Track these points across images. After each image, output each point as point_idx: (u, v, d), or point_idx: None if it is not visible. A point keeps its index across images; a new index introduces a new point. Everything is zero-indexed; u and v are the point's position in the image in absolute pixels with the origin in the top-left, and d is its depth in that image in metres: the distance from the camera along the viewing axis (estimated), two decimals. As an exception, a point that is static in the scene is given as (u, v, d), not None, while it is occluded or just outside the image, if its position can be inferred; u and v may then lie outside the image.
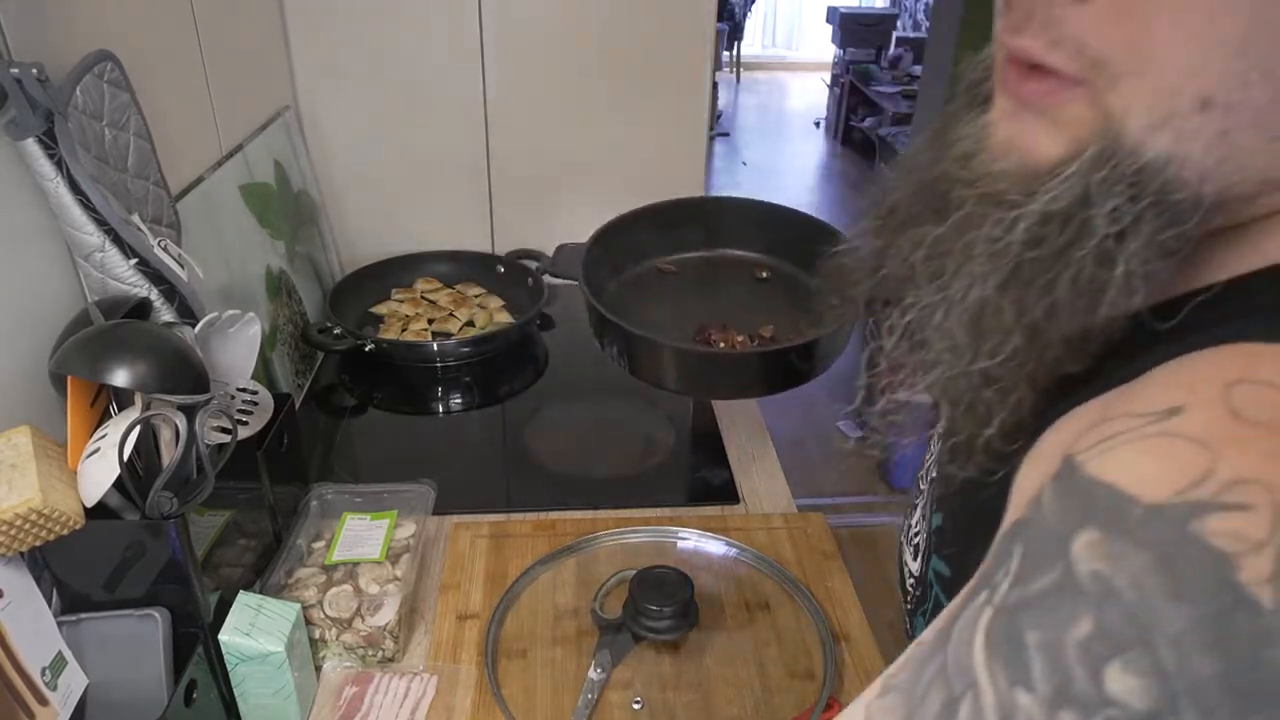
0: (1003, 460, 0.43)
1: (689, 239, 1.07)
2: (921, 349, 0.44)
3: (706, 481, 1.11)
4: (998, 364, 0.41)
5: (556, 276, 1.04)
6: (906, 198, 0.49)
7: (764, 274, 1.02)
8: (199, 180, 1.05)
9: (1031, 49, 0.39)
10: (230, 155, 1.15)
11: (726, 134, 6.39)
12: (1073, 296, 0.39)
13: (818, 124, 6.65)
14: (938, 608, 0.61)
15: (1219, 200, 0.37)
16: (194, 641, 0.71)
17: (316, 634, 0.81)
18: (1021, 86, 0.40)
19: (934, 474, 0.63)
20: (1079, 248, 0.38)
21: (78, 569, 0.69)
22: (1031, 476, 0.39)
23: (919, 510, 0.67)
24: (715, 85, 4.23)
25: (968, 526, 0.52)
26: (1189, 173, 0.37)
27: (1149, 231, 0.37)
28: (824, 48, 7.10)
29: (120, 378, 0.65)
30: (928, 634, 0.37)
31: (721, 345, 0.86)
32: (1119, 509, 0.30)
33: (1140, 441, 0.32)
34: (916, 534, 0.67)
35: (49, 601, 0.68)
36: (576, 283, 0.97)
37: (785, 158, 6.17)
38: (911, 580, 0.69)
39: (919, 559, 0.66)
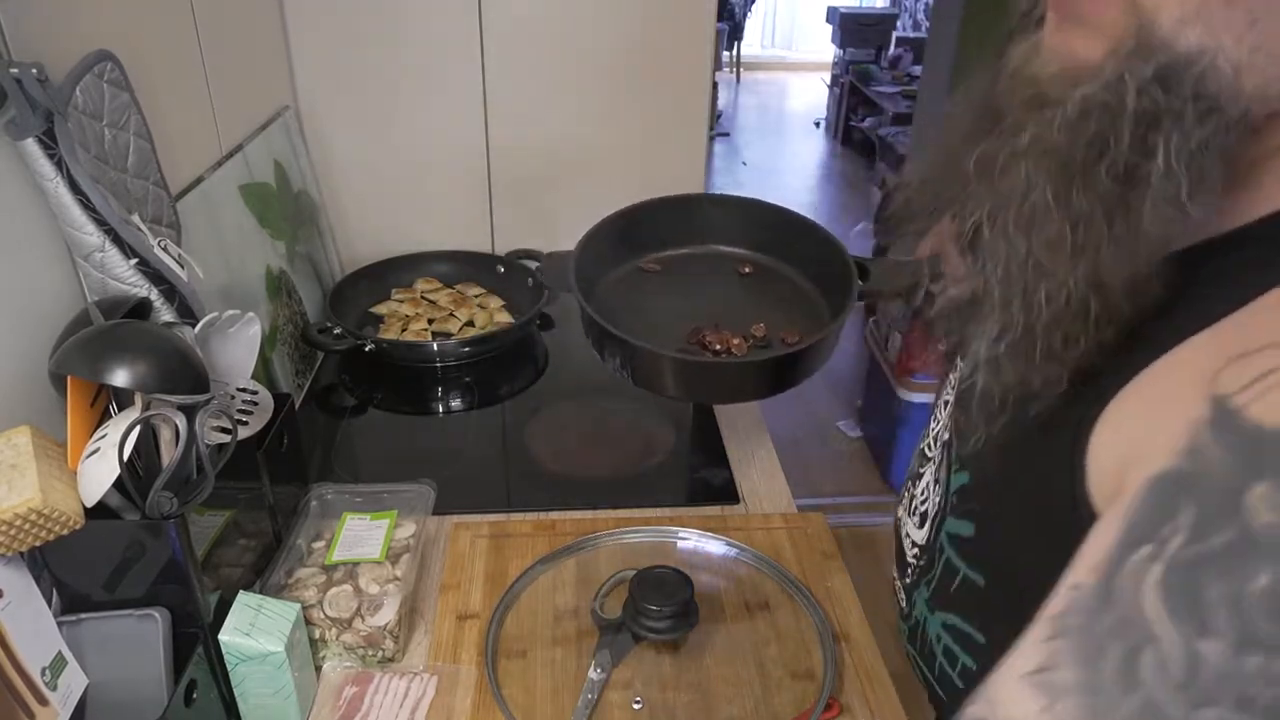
0: (1060, 368, 0.44)
1: (669, 237, 1.06)
2: (978, 249, 0.46)
3: (706, 481, 1.11)
4: (1050, 254, 0.42)
5: (546, 287, 1.03)
6: (966, 121, 0.52)
7: (746, 269, 1.03)
8: (199, 180, 1.05)
9: None
10: (230, 155, 1.15)
11: (726, 134, 6.39)
12: (1115, 186, 0.40)
13: (818, 124, 6.65)
14: (948, 573, 0.63)
15: (1261, 95, 0.39)
16: (194, 641, 0.71)
17: (316, 634, 0.81)
18: (1065, 2, 0.44)
19: (945, 437, 0.65)
20: (1117, 138, 0.40)
21: (78, 569, 0.69)
22: (1160, 422, 0.39)
23: (927, 477, 0.68)
24: (715, 85, 4.23)
25: (1006, 474, 0.53)
26: (1224, 63, 0.38)
27: (1189, 123, 0.39)
28: (824, 48, 7.10)
29: (120, 378, 0.65)
30: (1083, 577, 0.37)
31: (716, 347, 0.85)
32: None
33: None
34: (924, 501, 0.68)
35: (49, 601, 0.68)
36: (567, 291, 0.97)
37: (785, 158, 6.17)
38: (914, 551, 0.70)
39: (926, 526, 0.67)
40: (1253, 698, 0.31)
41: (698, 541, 0.97)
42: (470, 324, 1.42)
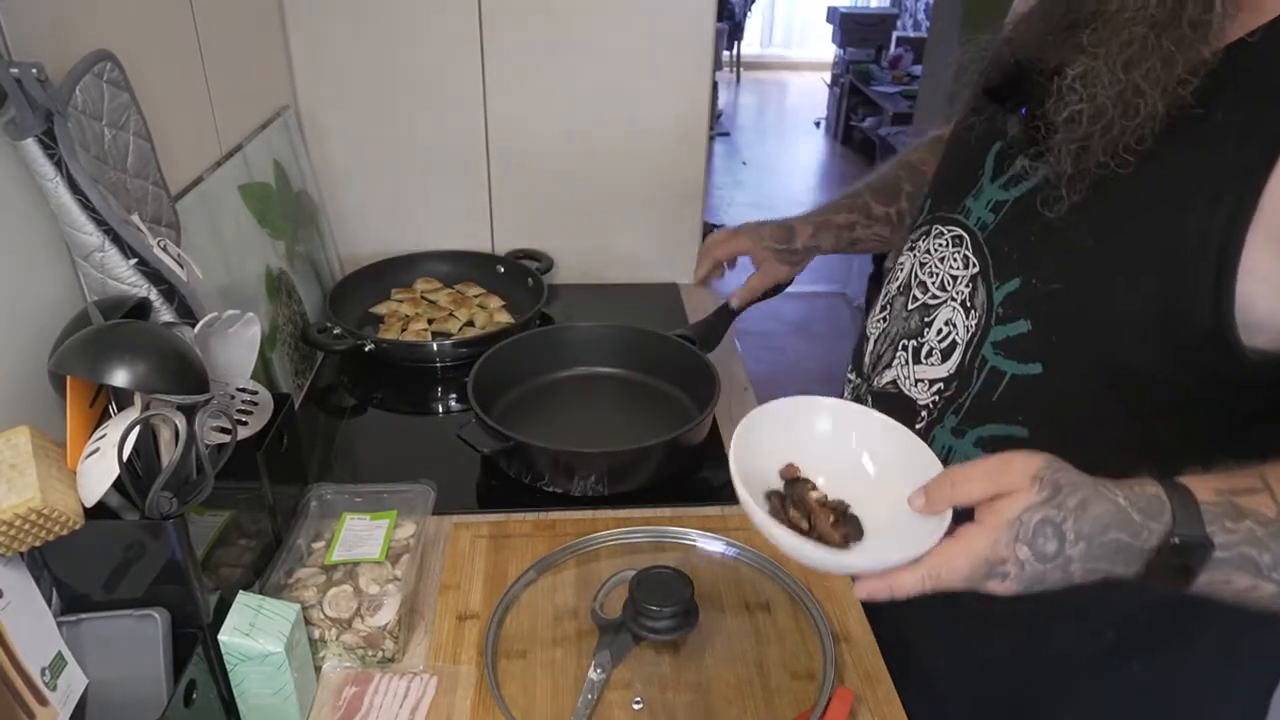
0: (1133, 154, 0.64)
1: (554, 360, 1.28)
2: (1089, 83, 0.64)
3: (706, 481, 1.11)
4: (1143, 79, 0.62)
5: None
6: (1050, 29, 0.70)
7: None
8: (199, 180, 1.05)
9: None
10: (230, 155, 1.15)
11: (726, 134, 6.39)
12: (1191, 31, 0.61)
13: (818, 124, 6.65)
14: (990, 383, 0.76)
15: None
16: (194, 641, 0.71)
17: (316, 634, 0.81)
18: None
19: (972, 271, 0.79)
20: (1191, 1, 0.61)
21: (78, 569, 0.69)
22: None
23: (945, 316, 0.81)
24: (715, 85, 4.23)
25: (1088, 263, 0.69)
26: None
27: None
28: (824, 47, 7.10)
29: (120, 378, 0.65)
30: None
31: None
32: None
33: None
34: (945, 338, 0.81)
35: (49, 601, 0.68)
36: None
37: (785, 158, 6.17)
38: (936, 388, 0.81)
39: (954, 356, 0.80)
40: None
41: (698, 541, 0.97)
42: (470, 324, 1.42)
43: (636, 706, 0.78)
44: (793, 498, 0.70)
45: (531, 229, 1.60)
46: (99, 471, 0.65)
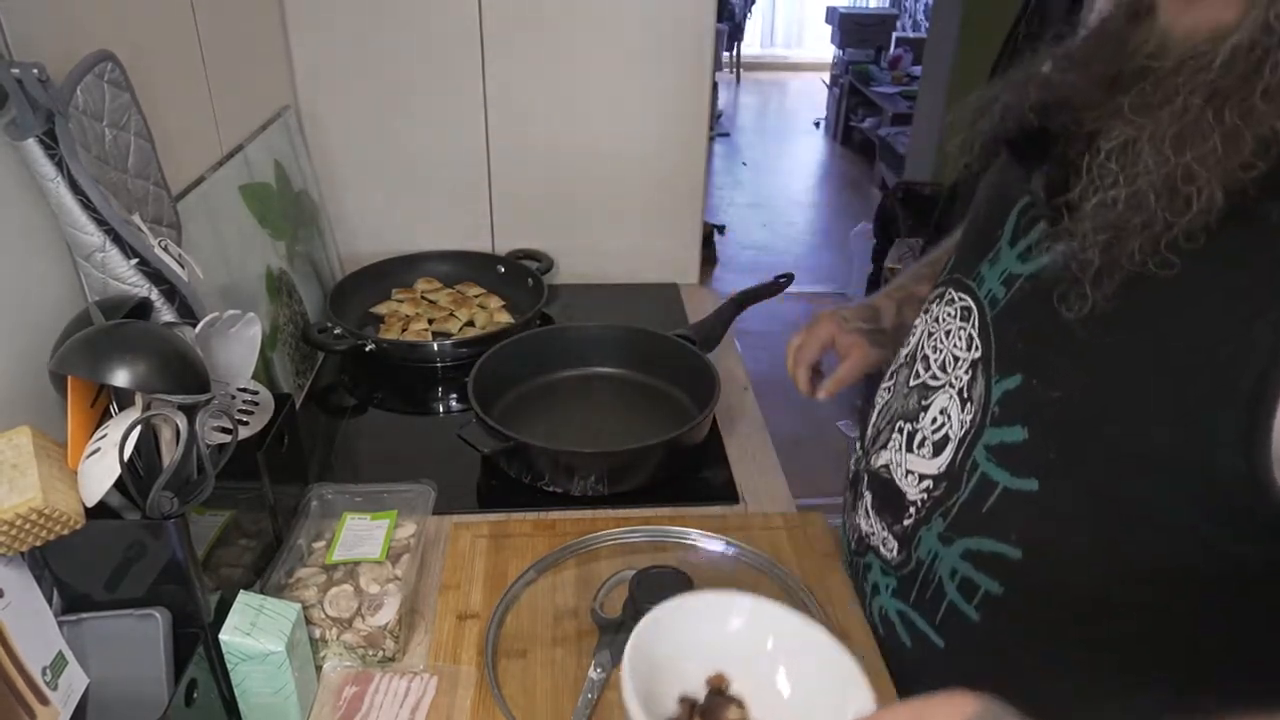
0: (1179, 255, 0.53)
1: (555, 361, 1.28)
2: (1129, 162, 0.54)
3: (706, 481, 1.11)
4: (1198, 162, 0.51)
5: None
6: (1086, 83, 0.61)
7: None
8: (199, 180, 1.05)
9: None
10: (230, 155, 1.15)
11: (726, 134, 6.39)
12: (1265, 104, 0.50)
13: (817, 124, 6.65)
14: (980, 492, 0.66)
15: None
16: (194, 641, 0.71)
17: (317, 634, 0.81)
18: None
19: (974, 356, 0.69)
20: (1267, 62, 0.49)
21: (78, 569, 0.69)
22: None
23: (940, 404, 0.71)
24: (715, 85, 4.23)
25: (1088, 366, 0.59)
26: None
27: None
28: (824, 48, 7.10)
29: (121, 378, 0.65)
30: None
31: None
32: None
33: None
34: (938, 429, 0.71)
35: (49, 601, 0.68)
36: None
37: (785, 158, 6.17)
38: (924, 485, 0.71)
39: (945, 452, 0.70)
40: None
41: (698, 541, 0.97)
42: (470, 324, 1.43)
43: (636, 706, 0.78)
44: (708, 714, 0.65)
45: (531, 229, 1.61)
46: (100, 471, 0.65)
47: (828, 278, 4.13)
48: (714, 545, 0.96)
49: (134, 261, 0.76)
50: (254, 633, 0.72)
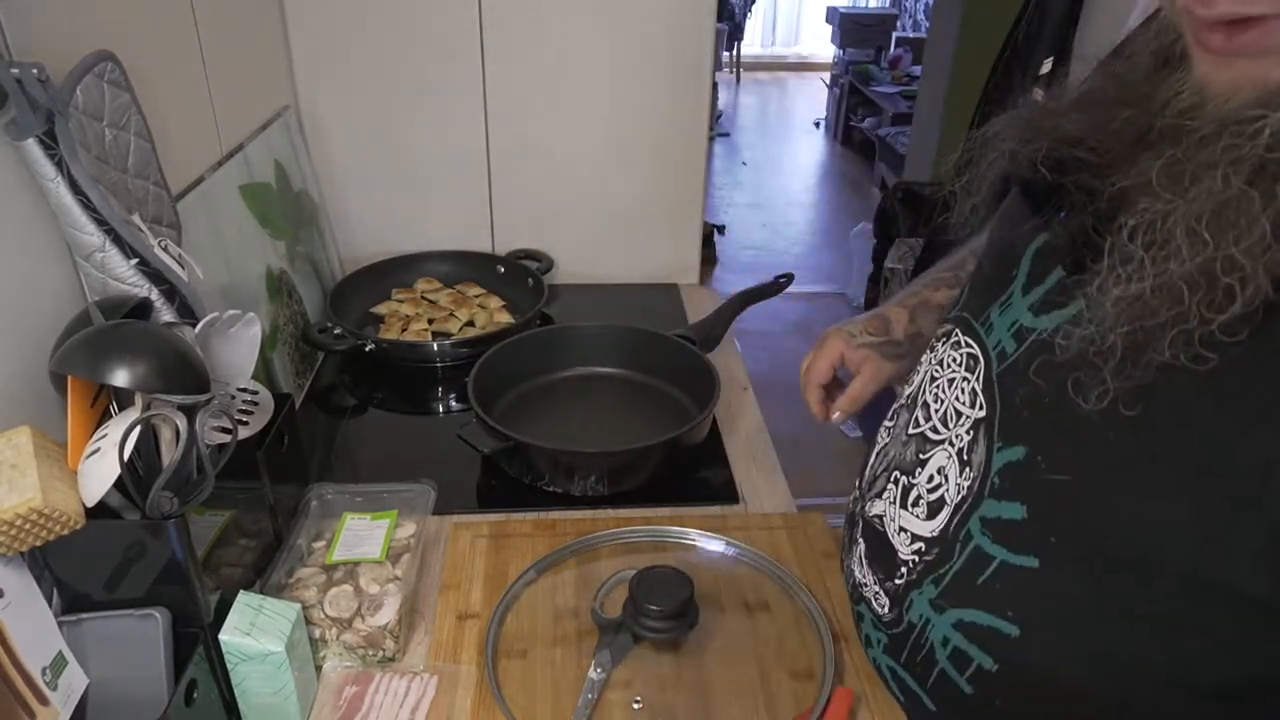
0: (1216, 349, 0.46)
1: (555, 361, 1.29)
2: (1156, 246, 0.47)
3: (706, 481, 1.11)
4: (1242, 250, 0.43)
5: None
6: (1108, 138, 0.54)
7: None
8: (199, 180, 1.05)
9: (1234, 8, 0.45)
10: (230, 155, 1.15)
11: (726, 134, 6.39)
12: None
13: (817, 124, 6.65)
14: (975, 565, 0.60)
15: None
16: (194, 641, 0.71)
17: (317, 634, 0.81)
18: (1234, 41, 0.46)
19: (978, 415, 0.63)
20: None
21: (78, 569, 0.70)
22: None
23: (938, 462, 0.66)
24: (715, 85, 4.24)
25: (1090, 450, 0.53)
26: None
27: None
28: (824, 48, 7.10)
29: (120, 378, 0.65)
30: None
31: None
32: None
33: None
34: (935, 488, 0.65)
35: (49, 601, 0.68)
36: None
37: (785, 158, 6.17)
38: (916, 547, 0.66)
39: (940, 516, 0.64)
40: None
41: (698, 541, 0.97)
42: (470, 324, 1.43)
43: (636, 706, 0.78)
44: None
45: (531, 229, 1.61)
46: (100, 471, 0.65)
47: (828, 278, 4.13)
48: (714, 545, 0.96)
49: (134, 261, 0.76)
50: (254, 633, 0.72)
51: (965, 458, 0.63)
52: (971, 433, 0.63)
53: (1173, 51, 0.53)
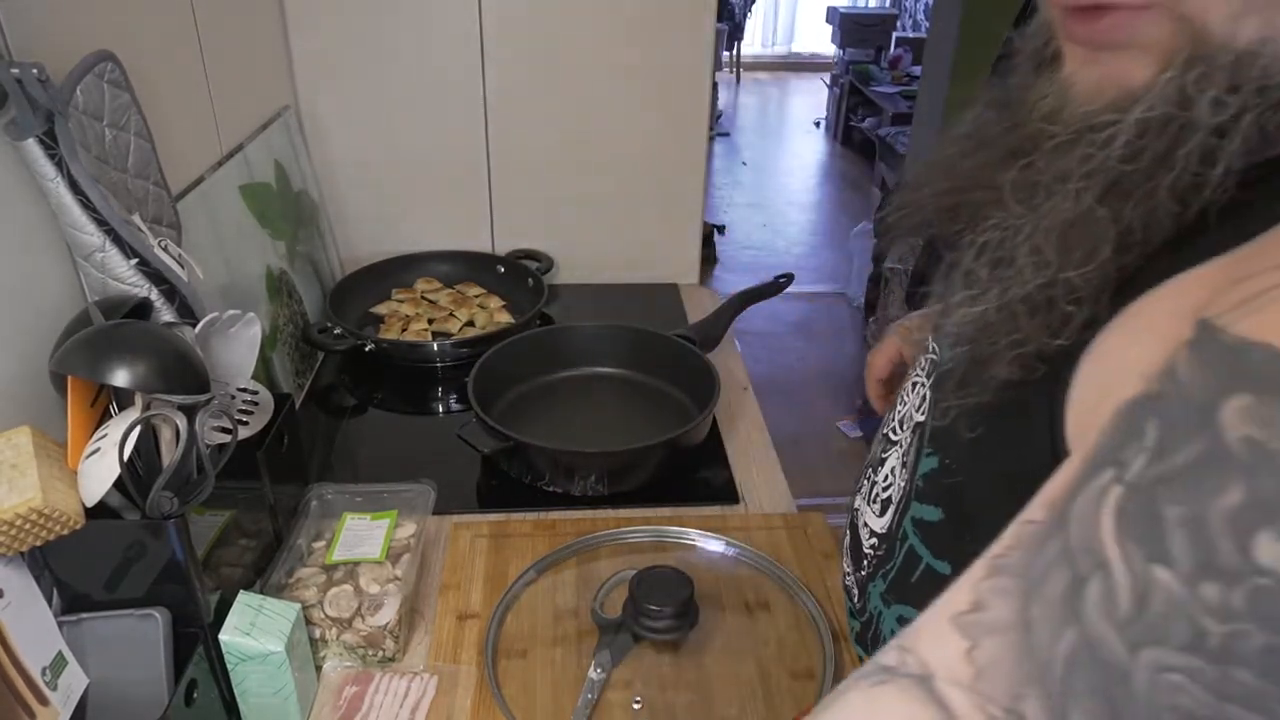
0: (1044, 361, 0.43)
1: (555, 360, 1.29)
2: (1002, 265, 0.44)
3: (706, 481, 1.11)
4: (1081, 275, 0.40)
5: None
6: (985, 157, 0.50)
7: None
8: (199, 180, 1.05)
9: None
10: (230, 155, 1.15)
11: (726, 134, 6.39)
12: (1171, 201, 0.39)
13: (817, 124, 6.65)
14: (909, 563, 0.61)
15: None
16: (194, 641, 0.71)
17: (317, 634, 0.81)
18: (1093, 29, 0.42)
19: (918, 418, 0.62)
20: (1181, 148, 0.38)
21: (78, 569, 0.70)
22: (1140, 350, 0.36)
23: (892, 462, 0.66)
24: (715, 85, 4.23)
25: (978, 458, 0.52)
26: None
27: (1252, 120, 0.37)
28: (824, 48, 7.10)
29: (120, 378, 0.65)
30: (1036, 514, 0.34)
31: None
32: (1277, 369, 0.28)
33: None
34: (887, 487, 0.66)
35: (49, 601, 0.68)
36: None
37: (785, 158, 6.17)
38: (872, 541, 0.68)
39: (888, 514, 0.65)
40: (1203, 635, 0.27)
41: (698, 541, 0.97)
42: (470, 324, 1.43)
43: (636, 706, 0.78)
44: None
45: (531, 229, 1.61)
46: (100, 471, 0.65)
47: (828, 278, 4.13)
48: (714, 545, 0.96)
49: (134, 261, 0.76)
50: (254, 633, 0.72)
51: (906, 460, 0.64)
52: (913, 436, 0.63)
53: (1046, 51, 0.49)
